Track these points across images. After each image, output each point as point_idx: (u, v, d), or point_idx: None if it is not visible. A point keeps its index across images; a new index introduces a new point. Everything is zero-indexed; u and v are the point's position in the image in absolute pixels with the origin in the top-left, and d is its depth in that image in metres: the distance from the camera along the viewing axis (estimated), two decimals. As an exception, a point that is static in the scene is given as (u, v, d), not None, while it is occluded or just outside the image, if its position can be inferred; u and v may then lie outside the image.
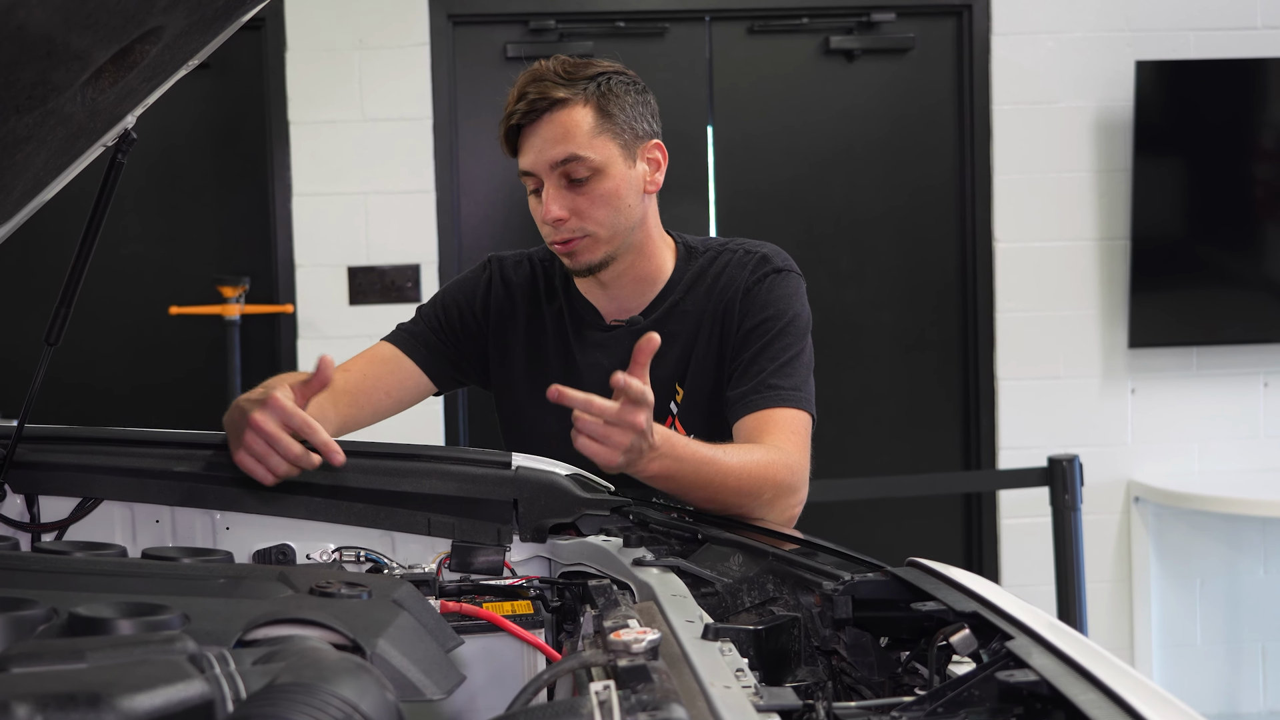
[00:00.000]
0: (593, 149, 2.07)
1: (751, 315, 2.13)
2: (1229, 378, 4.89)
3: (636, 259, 2.19)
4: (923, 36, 4.86)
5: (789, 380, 2.07)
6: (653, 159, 2.17)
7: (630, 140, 2.11)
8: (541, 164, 2.08)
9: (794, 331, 2.12)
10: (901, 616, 1.33)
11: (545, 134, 2.08)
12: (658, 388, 2.14)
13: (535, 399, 2.22)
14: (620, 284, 2.21)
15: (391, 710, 0.90)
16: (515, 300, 2.26)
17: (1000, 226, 4.81)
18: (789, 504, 1.94)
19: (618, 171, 2.10)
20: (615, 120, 2.09)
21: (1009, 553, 4.84)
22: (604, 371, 2.18)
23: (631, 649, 1.08)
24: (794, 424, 2.04)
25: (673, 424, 2.16)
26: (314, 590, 1.17)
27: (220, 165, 4.81)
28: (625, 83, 2.13)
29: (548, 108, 2.07)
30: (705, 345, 2.16)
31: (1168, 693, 0.96)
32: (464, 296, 2.29)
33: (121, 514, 1.85)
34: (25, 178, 1.47)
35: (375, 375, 2.20)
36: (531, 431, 2.25)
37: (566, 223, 2.09)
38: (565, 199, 2.08)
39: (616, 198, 2.10)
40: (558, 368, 2.22)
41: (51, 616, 1.03)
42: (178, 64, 1.53)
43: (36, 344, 1.73)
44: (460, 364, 2.27)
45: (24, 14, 1.07)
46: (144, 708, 0.83)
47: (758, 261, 2.17)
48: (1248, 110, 4.84)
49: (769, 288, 2.14)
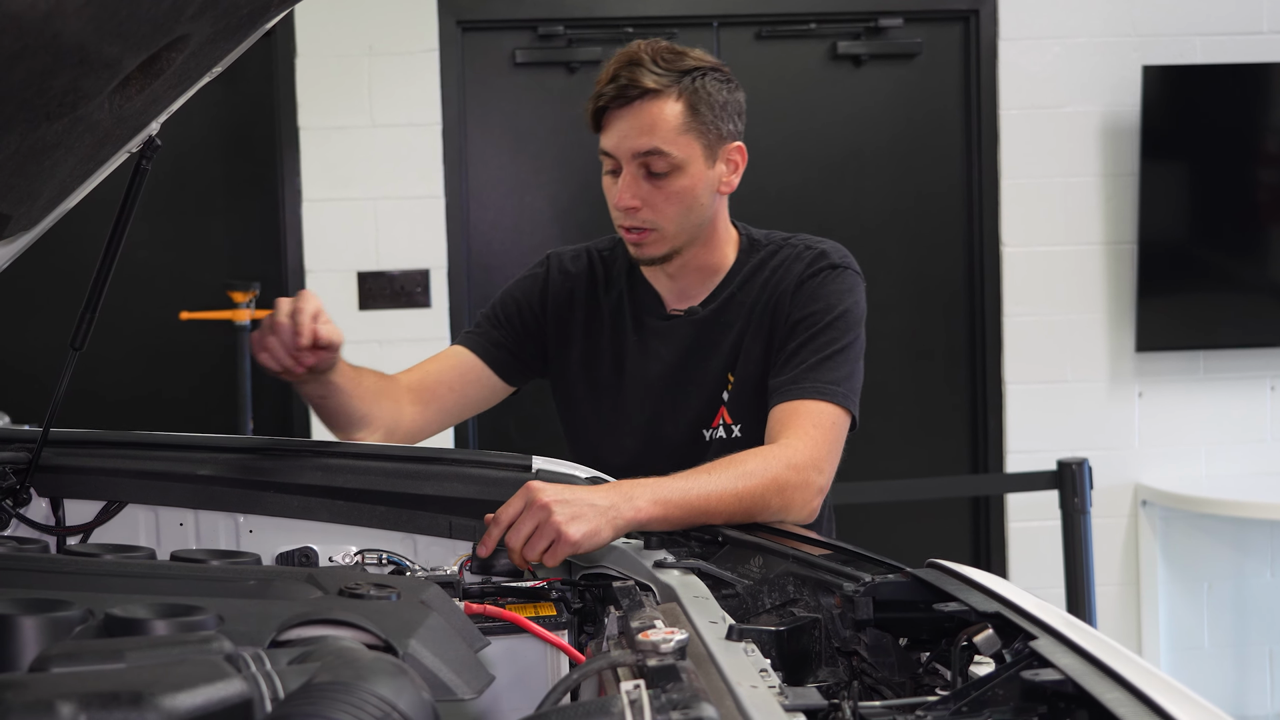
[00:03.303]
0: (676, 146, 2.07)
1: (801, 307, 2.12)
2: (1236, 381, 4.90)
3: (701, 250, 2.20)
4: (930, 42, 4.87)
5: (828, 374, 2.04)
6: (732, 160, 2.17)
7: (714, 140, 2.12)
8: (623, 150, 2.09)
9: (841, 326, 2.10)
10: (922, 617, 1.34)
11: (632, 121, 2.08)
12: (709, 376, 2.17)
13: (589, 390, 2.24)
14: (684, 272, 2.23)
15: (428, 709, 0.91)
16: (574, 293, 2.29)
17: (1007, 231, 4.82)
18: (801, 501, 1.91)
19: (696, 170, 2.10)
20: (703, 119, 2.09)
21: (1017, 556, 4.85)
22: (659, 361, 2.20)
23: (660, 649, 1.09)
24: (819, 417, 2.01)
25: (722, 413, 2.17)
26: (343, 591, 1.19)
27: (230, 171, 4.82)
28: (718, 80, 2.13)
29: (638, 95, 2.07)
30: (755, 336, 2.16)
31: (1193, 692, 0.97)
32: (523, 293, 2.31)
33: (145, 517, 1.86)
34: (52, 184, 1.48)
35: (439, 373, 2.22)
36: (585, 423, 2.27)
37: (638, 212, 2.10)
38: (641, 189, 2.10)
39: (691, 196, 2.11)
40: (609, 359, 2.25)
41: (88, 617, 1.04)
42: (202, 71, 1.55)
43: (43, 349, 1.75)
44: (523, 358, 2.29)
45: (60, 23, 1.08)
46: (185, 706, 0.84)
47: (815, 256, 2.17)
48: (1254, 115, 4.84)
49: (822, 282, 2.14)
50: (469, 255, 4.74)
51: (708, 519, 1.79)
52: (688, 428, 2.19)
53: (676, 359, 2.21)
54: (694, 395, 2.19)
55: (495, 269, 4.75)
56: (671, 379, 2.21)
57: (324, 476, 1.84)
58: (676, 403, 2.20)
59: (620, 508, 1.69)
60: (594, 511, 1.66)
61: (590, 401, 2.25)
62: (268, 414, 4.68)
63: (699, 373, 2.19)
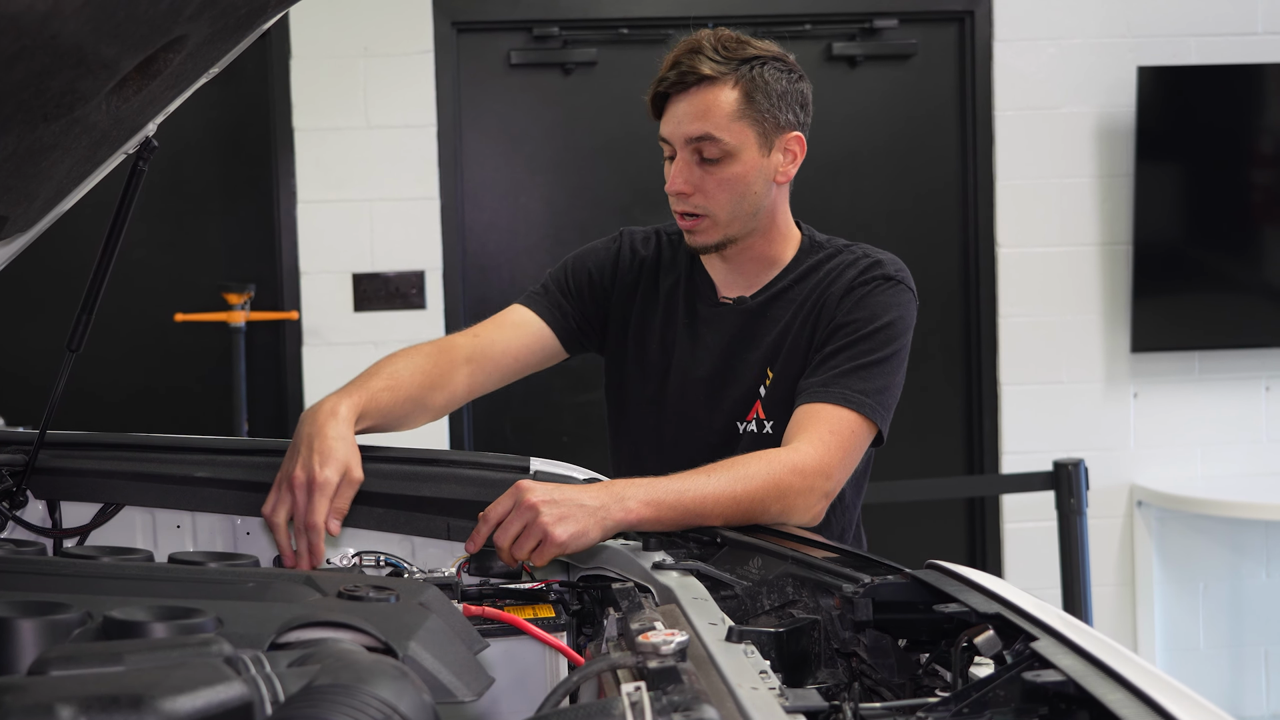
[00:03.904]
0: (729, 132, 2.08)
1: (846, 313, 2.11)
2: (1231, 382, 4.90)
3: (758, 241, 2.20)
4: (925, 43, 4.87)
5: (859, 384, 2.03)
6: (790, 150, 2.17)
7: (770, 129, 2.12)
8: (678, 135, 2.10)
9: (882, 338, 2.09)
10: (921, 619, 1.34)
11: (687, 107, 2.09)
12: (749, 369, 2.17)
13: (636, 370, 2.25)
14: (740, 261, 2.22)
15: (428, 711, 0.91)
16: (640, 273, 2.30)
17: (1003, 232, 4.82)
18: (803, 506, 1.90)
19: (749, 158, 2.10)
20: (758, 107, 2.09)
21: (1012, 557, 4.85)
22: (703, 348, 2.20)
23: (660, 651, 1.09)
24: (838, 423, 1.99)
25: (758, 407, 2.16)
26: (342, 594, 1.18)
27: (225, 172, 4.82)
28: (780, 69, 2.13)
29: (696, 82, 2.08)
30: (798, 334, 2.15)
31: (1194, 692, 0.97)
32: (594, 263, 2.31)
33: (143, 519, 1.86)
34: (49, 185, 1.48)
35: (504, 340, 2.21)
36: (627, 404, 2.28)
37: (690, 197, 2.11)
38: (693, 174, 2.10)
39: (743, 183, 2.11)
40: (657, 342, 2.25)
41: (86, 620, 1.04)
42: (199, 72, 1.54)
43: (37, 351, 1.75)
44: (585, 326, 2.29)
45: (58, 24, 1.08)
46: (185, 709, 0.84)
47: (870, 265, 2.17)
48: (1249, 116, 4.85)
49: (871, 291, 2.13)
50: (464, 256, 4.73)
51: (703, 521, 1.79)
52: (723, 418, 2.19)
53: (720, 347, 2.21)
54: (732, 386, 2.19)
55: (490, 270, 4.74)
56: (713, 367, 2.21)
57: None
58: (715, 391, 2.20)
59: (610, 508, 1.69)
60: (583, 512, 1.66)
61: (636, 383, 2.27)
62: (263, 416, 4.68)
63: (740, 363, 2.19)
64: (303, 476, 1.74)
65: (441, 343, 2.15)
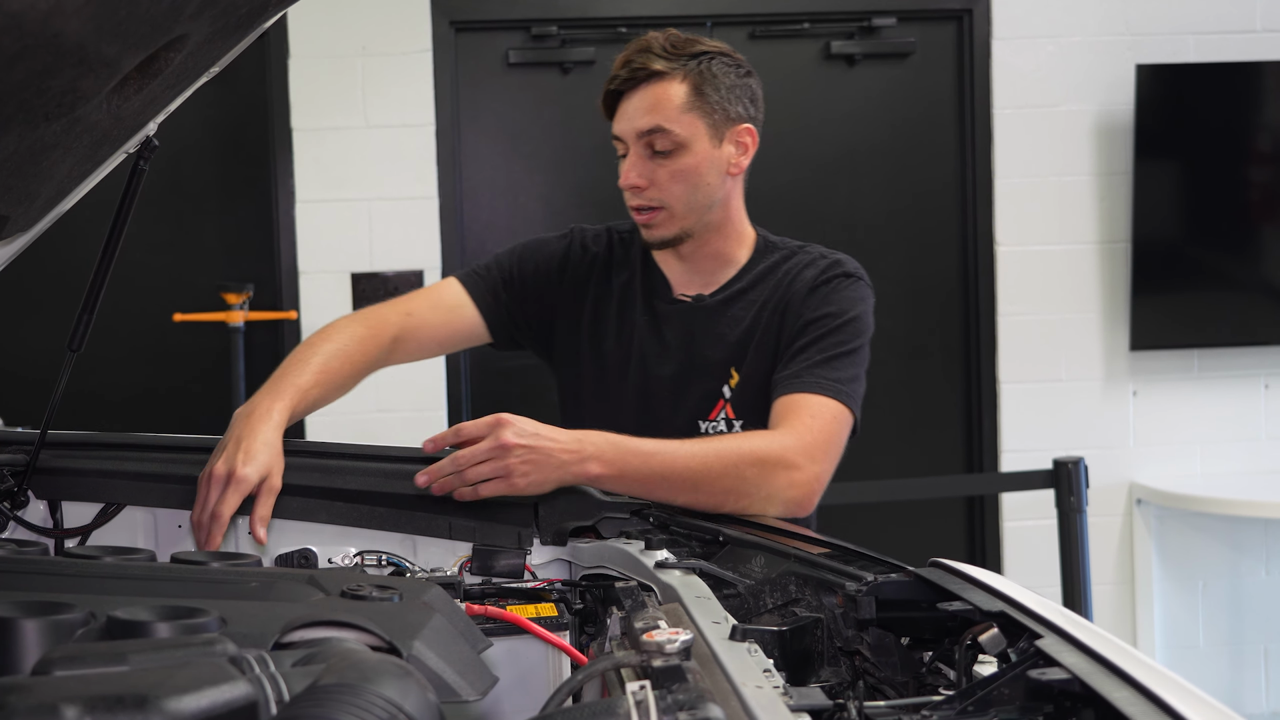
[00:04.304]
0: (679, 124, 2.12)
1: (812, 309, 2.15)
2: (1230, 380, 4.91)
3: (714, 237, 2.23)
4: (923, 41, 4.87)
5: (833, 373, 2.07)
6: (742, 142, 2.21)
7: (720, 121, 2.16)
8: (629, 131, 2.14)
9: (851, 330, 2.14)
10: (924, 617, 1.33)
11: (638, 103, 2.13)
12: (712, 367, 2.19)
13: (593, 369, 2.26)
14: (696, 259, 2.25)
15: (433, 711, 0.91)
16: (591, 270, 2.31)
17: (1001, 230, 4.82)
18: (785, 484, 1.90)
19: (701, 149, 2.14)
20: (708, 99, 2.13)
21: (1012, 555, 4.85)
22: (661, 345, 2.21)
23: (665, 649, 1.09)
24: (818, 409, 2.02)
25: (724, 408, 2.18)
26: (345, 593, 1.18)
27: (224, 172, 4.81)
28: (727, 64, 2.17)
29: (646, 78, 2.13)
30: (764, 334, 2.18)
31: (1201, 691, 0.97)
32: (543, 258, 2.32)
33: (144, 519, 1.86)
34: (50, 185, 1.47)
35: (435, 323, 2.22)
36: (585, 402, 2.29)
37: (644, 191, 2.14)
38: (646, 168, 2.14)
39: (696, 174, 2.15)
40: (614, 339, 2.26)
41: (90, 620, 1.03)
42: (200, 72, 1.54)
43: (35, 351, 1.75)
44: (519, 322, 2.30)
45: (60, 22, 1.07)
46: (190, 709, 0.83)
47: (831, 264, 2.22)
48: (1248, 113, 4.85)
49: (835, 288, 2.18)
50: (463, 256, 4.73)
51: (670, 490, 1.81)
52: (685, 417, 2.20)
53: (679, 344, 2.23)
54: (695, 384, 2.21)
55: (489, 270, 4.74)
56: (676, 365, 2.22)
57: (322, 478, 1.84)
58: (675, 389, 2.22)
59: (576, 466, 1.75)
60: (551, 464, 1.72)
61: (594, 380, 2.28)
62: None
63: (700, 361, 2.21)
64: (223, 470, 1.75)
65: (373, 319, 2.15)
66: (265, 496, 1.75)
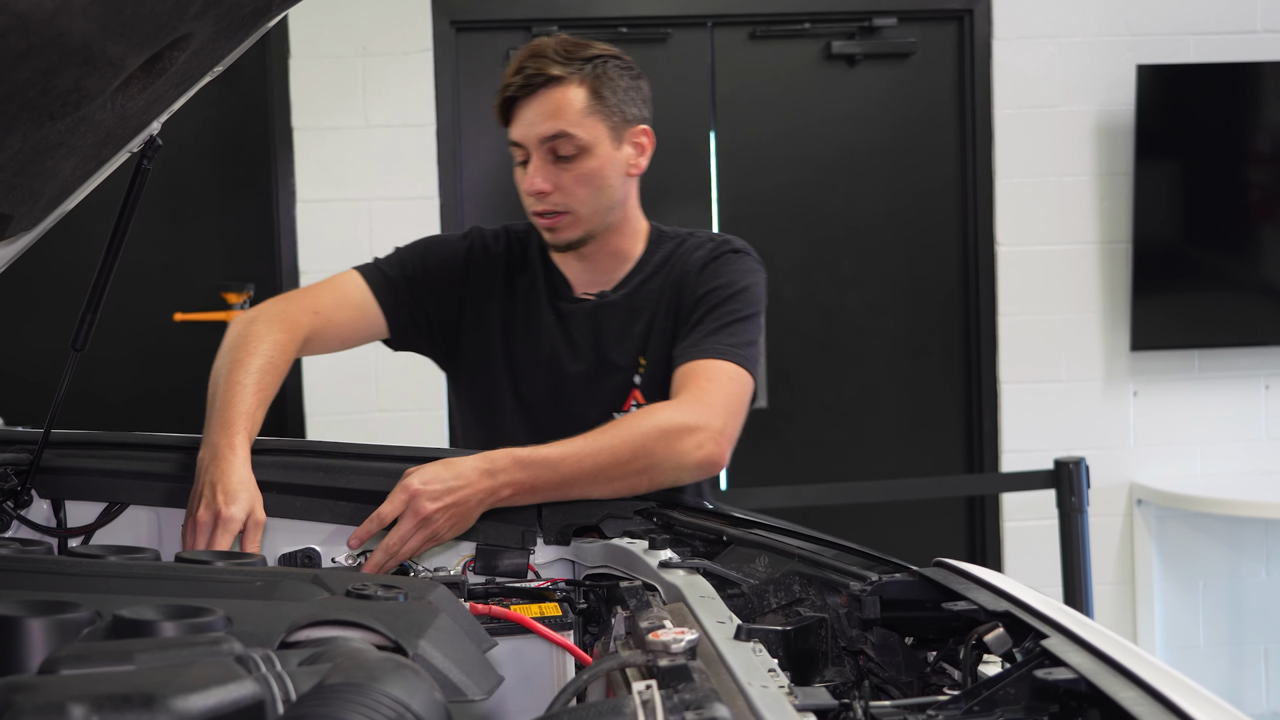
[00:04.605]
0: (581, 128, 2.13)
1: (703, 285, 2.19)
2: (1230, 380, 4.91)
3: (614, 236, 2.26)
4: (924, 41, 4.87)
5: (727, 339, 2.10)
6: (639, 143, 2.24)
7: (619, 123, 2.18)
8: (531, 137, 2.15)
9: (744, 300, 2.16)
10: (929, 617, 1.33)
11: (538, 109, 2.14)
12: (622, 361, 2.24)
13: (507, 369, 2.27)
14: (596, 258, 2.27)
15: (440, 710, 0.91)
16: (495, 270, 2.31)
17: (1002, 230, 4.82)
18: (693, 445, 1.90)
19: (604, 152, 2.17)
20: (606, 102, 2.16)
21: (1012, 555, 4.85)
22: (570, 343, 2.23)
23: (671, 649, 1.09)
24: (713, 373, 2.04)
25: (634, 395, 2.22)
26: (350, 592, 1.18)
27: (224, 172, 4.81)
28: (620, 67, 2.20)
29: (543, 84, 2.14)
30: (664, 319, 2.22)
31: (1207, 690, 0.97)
32: (447, 257, 2.31)
33: (147, 518, 1.86)
34: (54, 184, 1.47)
35: (341, 321, 2.22)
36: (496, 404, 2.29)
37: (549, 196, 2.16)
38: (550, 173, 2.16)
39: (600, 177, 2.17)
40: (522, 340, 2.27)
41: (95, 619, 1.03)
42: (203, 71, 1.54)
43: (36, 351, 1.74)
44: (423, 323, 2.29)
45: (66, 21, 1.07)
46: (197, 708, 0.83)
47: (719, 243, 2.26)
48: (1248, 114, 4.85)
49: (724, 263, 2.22)
50: (464, 256, 4.72)
51: (586, 484, 1.82)
52: (599, 410, 2.23)
53: (587, 343, 2.26)
54: (606, 379, 2.24)
55: (490, 269, 4.74)
56: (583, 362, 2.26)
57: (326, 477, 1.84)
58: (588, 385, 2.25)
59: (492, 497, 1.76)
60: (470, 507, 1.74)
61: (506, 382, 2.28)
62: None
63: (610, 357, 2.25)
64: (208, 516, 1.72)
65: (285, 322, 2.11)
66: (253, 532, 1.74)
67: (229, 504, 1.72)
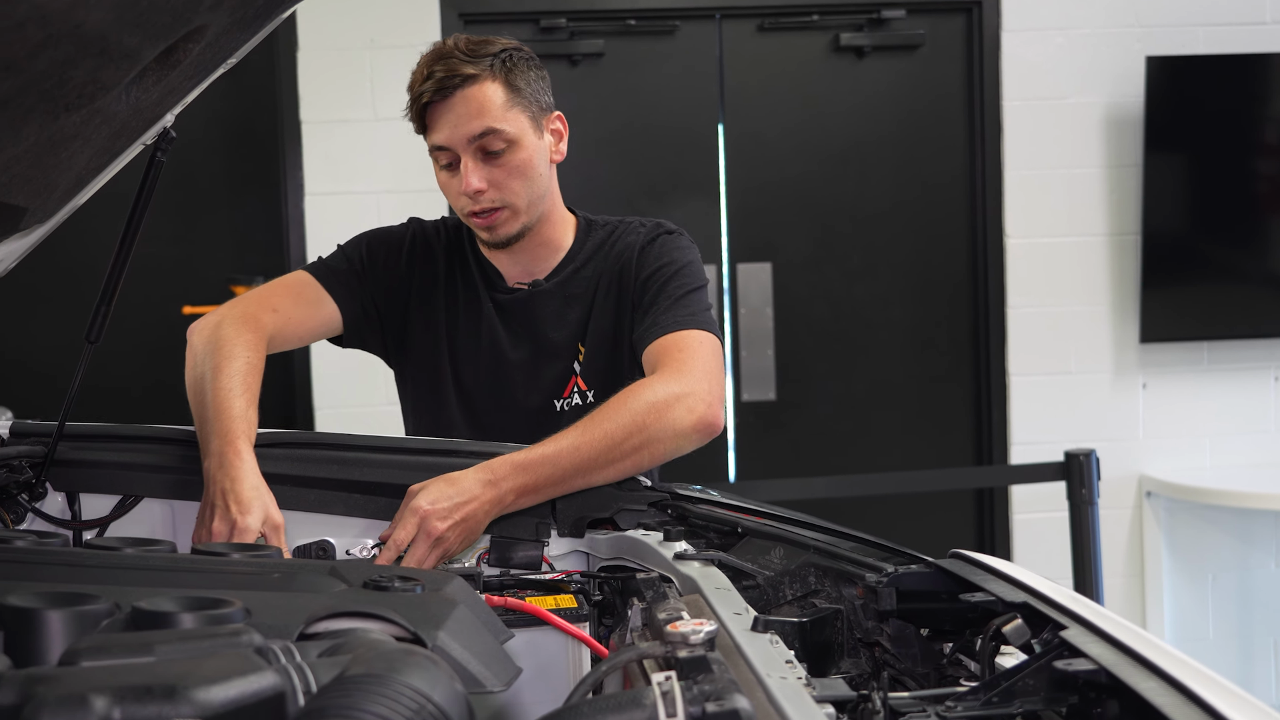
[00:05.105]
0: (506, 121, 2.13)
1: (647, 266, 2.20)
2: (1240, 372, 4.90)
3: (543, 226, 2.26)
4: (933, 33, 4.86)
5: (685, 310, 2.11)
6: (555, 130, 2.25)
7: (537, 112, 2.18)
8: (458, 139, 2.13)
9: (689, 274, 2.18)
10: (945, 608, 1.33)
11: (459, 109, 2.13)
12: (561, 348, 2.25)
13: (449, 361, 2.28)
14: (527, 249, 2.27)
15: (461, 701, 0.91)
16: (436, 261, 2.32)
17: (1011, 222, 4.81)
18: (685, 411, 1.90)
19: (529, 142, 2.16)
20: (522, 94, 2.16)
21: (1021, 548, 4.85)
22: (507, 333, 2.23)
23: (690, 640, 1.08)
24: (683, 342, 2.05)
25: (575, 382, 2.23)
26: (368, 584, 1.18)
27: (233, 165, 4.81)
28: (525, 58, 2.20)
29: (459, 84, 2.12)
30: (603, 305, 2.23)
31: (1227, 680, 0.97)
32: (391, 249, 2.32)
33: (162, 511, 1.86)
34: (69, 176, 1.47)
35: (300, 319, 2.22)
36: (437, 394, 2.29)
37: (485, 194, 2.15)
38: (483, 171, 2.14)
39: (530, 167, 2.17)
40: (464, 331, 2.28)
41: (114, 611, 1.03)
42: (217, 63, 1.54)
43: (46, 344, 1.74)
44: (373, 315, 2.29)
45: (83, 13, 1.07)
46: (219, 699, 0.83)
47: (653, 226, 2.28)
48: (1258, 105, 4.84)
49: (663, 244, 2.23)
50: (472, 249, 4.72)
51: (591, 474, 1.81)
52: (540, 398, 2.24)
53: (525, 332, 2.27)
54: (544, 367, 2.25)
55: (498, 262, 4.74)
56: (523, 351, 2.26)
57: (340, 470, 1.84)
58: (528, 373, 2.26)
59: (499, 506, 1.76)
60: (479, 519, 1.74)
61: (450, 371, 2.29)
62: (270, 407, 4.66)
63: (549, 345, 2.25)
64: (224, 527, 1.71)
65: (251, 322, 2.11)
66: (273, 536, 1.73)
67: (244, 514, 1.71)
